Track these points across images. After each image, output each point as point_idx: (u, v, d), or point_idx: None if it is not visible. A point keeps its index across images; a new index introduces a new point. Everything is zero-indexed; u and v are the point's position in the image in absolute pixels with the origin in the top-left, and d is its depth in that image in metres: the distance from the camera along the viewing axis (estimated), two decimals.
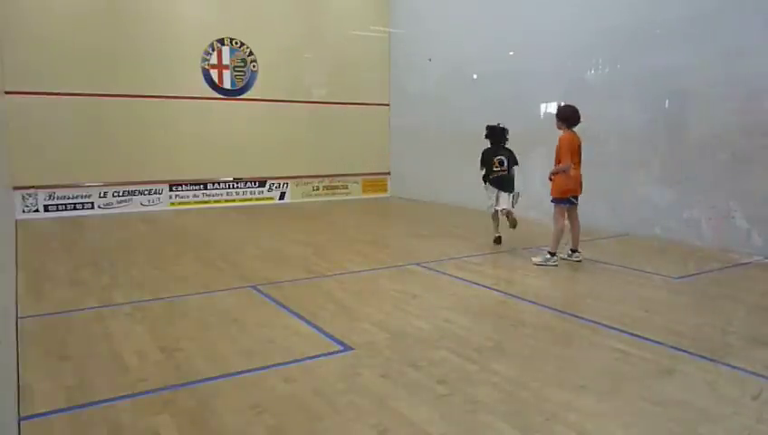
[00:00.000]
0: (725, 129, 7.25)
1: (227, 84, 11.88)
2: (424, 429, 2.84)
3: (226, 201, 12.05)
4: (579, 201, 6.64)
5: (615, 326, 4.36)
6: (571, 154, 6.44)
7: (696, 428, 2.86)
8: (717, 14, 7.29)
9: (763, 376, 3.46)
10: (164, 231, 9.16)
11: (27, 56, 9.86)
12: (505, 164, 7.46)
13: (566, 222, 6.64)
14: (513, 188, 7.50)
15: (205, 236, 8.57)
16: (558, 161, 6.54)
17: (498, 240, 7.67)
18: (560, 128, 6.60)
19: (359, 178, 13.67)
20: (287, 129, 12.54)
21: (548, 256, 6.53)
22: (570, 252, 6.74)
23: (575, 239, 6.72)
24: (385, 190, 14.08)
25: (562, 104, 7.07)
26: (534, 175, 9.30)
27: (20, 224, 9.44)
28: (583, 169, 6.56)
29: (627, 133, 8.49)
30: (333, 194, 13.36)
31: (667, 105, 8.01)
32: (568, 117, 6.54)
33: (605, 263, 6.62)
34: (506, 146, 7.56)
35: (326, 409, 3.06)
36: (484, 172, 7.59)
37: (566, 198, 6.55)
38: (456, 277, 5.94)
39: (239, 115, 12.01)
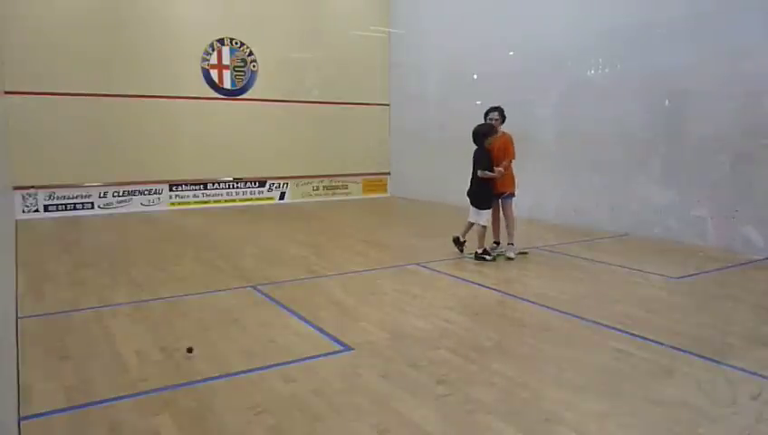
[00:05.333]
0: (726, 129, 7.25)
1: (227, 84, 11.88)
2: (424, 429, 2.84)
3: (226, 201, 12.05)
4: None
5: (615, 326, 4.36)
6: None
7: (696, 428, 2.86)
8: (718, 13, 7.29)
9: (763, 376, 3.46)
10: (164, 231, 9.16)
11: (27, 56, 9.86)
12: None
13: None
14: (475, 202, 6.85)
15: (205, 237, 8.57)
16: (506, 158, 6.73)
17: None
18: (499, 127, 6.86)
19: (359, 179, 13.67)
20: (287, 129, 12.54)
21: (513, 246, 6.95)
22: (498, 245, 7.08)
23: (511, 232, 6.98)
24: (385, 190, 14.08)
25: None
26: (534, 176, 9.31)
27: (20, 224, 9.44)
28: (583, 169, 6.60)
29: (627, 133, 8.49)
30: (333, 194, 13.36)
31: (667, 105, 8.01)
32: (504, 117, 6.92)
33: (605, 263, 6.62)
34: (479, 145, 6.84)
35: (326, 409, 3.06)
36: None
37: (514, 193, 6.98)
38: (456, 277, 5.94)
39: (239, 115, 12.01)
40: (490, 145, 6.66)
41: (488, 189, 6.71)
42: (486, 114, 6.95)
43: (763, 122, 6.91)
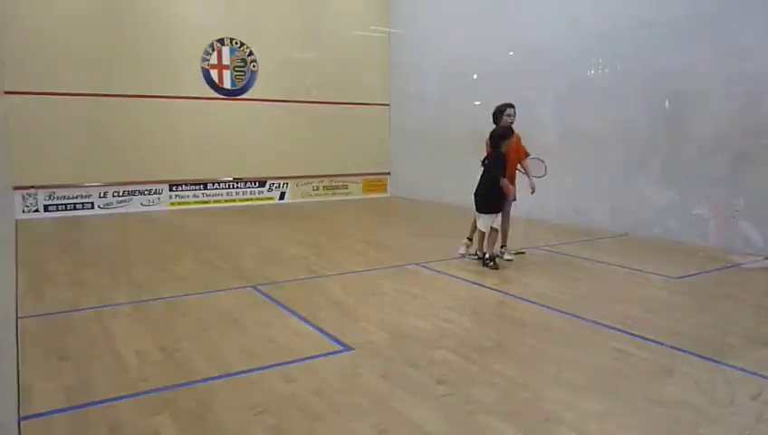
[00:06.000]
0: (726, 129, 7.25)
1: (227, 84, 11.88)
2: (424, 429, 2.84)
3: (226, 201, 12.05)
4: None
5: (615, 326, 4.36)
6: None
7: (696, 428, 2.86)
8: (718, 13, 7.29)
9: (763, 376, 3.46)
10: (164, 231, 9.16)
11: (27, 56, 9.86)
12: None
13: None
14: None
15: (205, 237, 8.57)
16: (524, 157, 6.58)
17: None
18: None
19: (359, 179, 13.67)
20: (287, 129, 12.54)
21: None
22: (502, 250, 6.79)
23: (506, 235, 6.79)
24: (385, 190, 14.08)
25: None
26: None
27: (20, 224, 9.44)
28: (583, 169, 6.57)
29: (627, 133, 8.49)
30: (333, 194, 13.36)
31: (667, 105, 8.01)
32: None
33: (605, 263, 6.62)
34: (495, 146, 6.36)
35: (326, 409, 3.06)
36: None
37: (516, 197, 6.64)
38: (456, 277, 5.94)
39: (239, 115, 12.01)
40: (507, 148, 6.24)
41: (501, 194, 6.24)
42: (501, 112, 6.47)
43: (764, 122, 6.91)
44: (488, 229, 6.30)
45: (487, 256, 6.33)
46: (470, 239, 6.77)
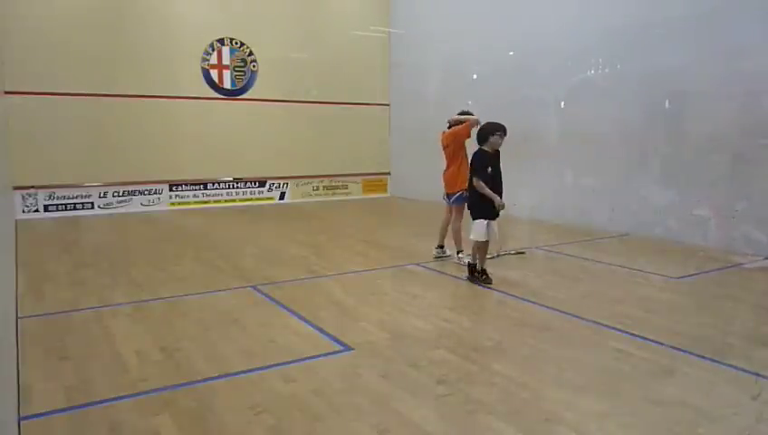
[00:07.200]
0: (725, 128, 7.25)
1: (227, 84, 11.88)
2: (424, 429, 2.84)
3: (226, 201, 12.05)
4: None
5: (615, 326, 4.36)
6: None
7: (696, 428, 2.86)
8: (718, 13, 7.29)
9: (763, 376, 3.46)
10: (164, 231, 9.16)
11: (27, 56, 9.86)
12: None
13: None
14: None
15: (205, 237, 8.57)
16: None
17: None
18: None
19: (359, 179, 13.67)
20: (287, 129, 12.54)
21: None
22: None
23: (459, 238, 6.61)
24: (385, 190, 14.08)
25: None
26: (534, 176, 9.30)
27: (20, 224, 9.44)
28: (584, 169, 6.54)
29: (627, 133, 8.49)
30: (333, 194, 13.36)
31: (667, 105, 8.00)
32: None
33: (605, 263, 6.62)
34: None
35: (326, 409, 3.06)
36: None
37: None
38: (456, 277, 5.94)
39: (239, 115, 12.01)
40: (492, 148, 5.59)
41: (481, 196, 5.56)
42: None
43: (763, 122, 6.91)
44: (481, 238, 5.59)
45: (479, 268, 5.70)
46: (441, 247, 6.74)
